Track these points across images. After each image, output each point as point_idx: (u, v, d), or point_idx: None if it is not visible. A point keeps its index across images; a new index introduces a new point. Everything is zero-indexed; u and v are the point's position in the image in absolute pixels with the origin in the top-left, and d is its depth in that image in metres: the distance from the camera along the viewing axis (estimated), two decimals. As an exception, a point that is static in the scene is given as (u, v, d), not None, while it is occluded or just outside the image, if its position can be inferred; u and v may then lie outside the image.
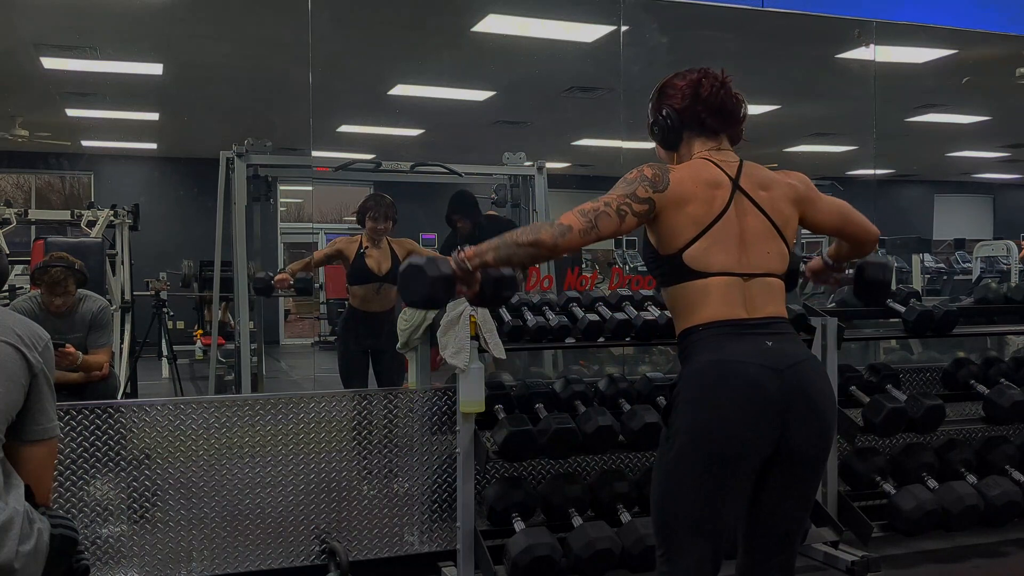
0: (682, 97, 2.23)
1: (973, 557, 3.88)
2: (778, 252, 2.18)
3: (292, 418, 3.55)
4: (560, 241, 2.03)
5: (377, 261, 4.97)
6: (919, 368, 4.60)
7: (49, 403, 1.90)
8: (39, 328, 1.93)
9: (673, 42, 5.80)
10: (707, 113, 2.22)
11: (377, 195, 5.15)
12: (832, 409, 2.15)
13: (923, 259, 10.13)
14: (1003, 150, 13.75)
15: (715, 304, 2.10)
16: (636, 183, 2.10)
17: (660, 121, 2.27)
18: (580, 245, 2.06)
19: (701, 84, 2.22)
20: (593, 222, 2.05)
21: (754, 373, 2.03)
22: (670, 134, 2.27)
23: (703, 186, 2.14)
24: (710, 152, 2.22)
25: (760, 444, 2.04)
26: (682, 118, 2.24)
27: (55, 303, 4.20)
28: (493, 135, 10.68)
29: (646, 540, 3.32)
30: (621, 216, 2.07)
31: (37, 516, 1.86)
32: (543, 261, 2.06)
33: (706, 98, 2.21)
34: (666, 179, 2.12)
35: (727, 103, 2.23)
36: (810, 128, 11.27)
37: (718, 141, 2.25)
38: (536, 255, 2.07)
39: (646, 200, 2.09)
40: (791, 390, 2.04)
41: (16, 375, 1.80)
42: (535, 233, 2.05)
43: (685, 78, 2.25)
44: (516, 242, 2.06)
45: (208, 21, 7.11)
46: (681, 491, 2.08)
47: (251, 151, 5.79)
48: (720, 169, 2.18)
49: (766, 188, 2.20)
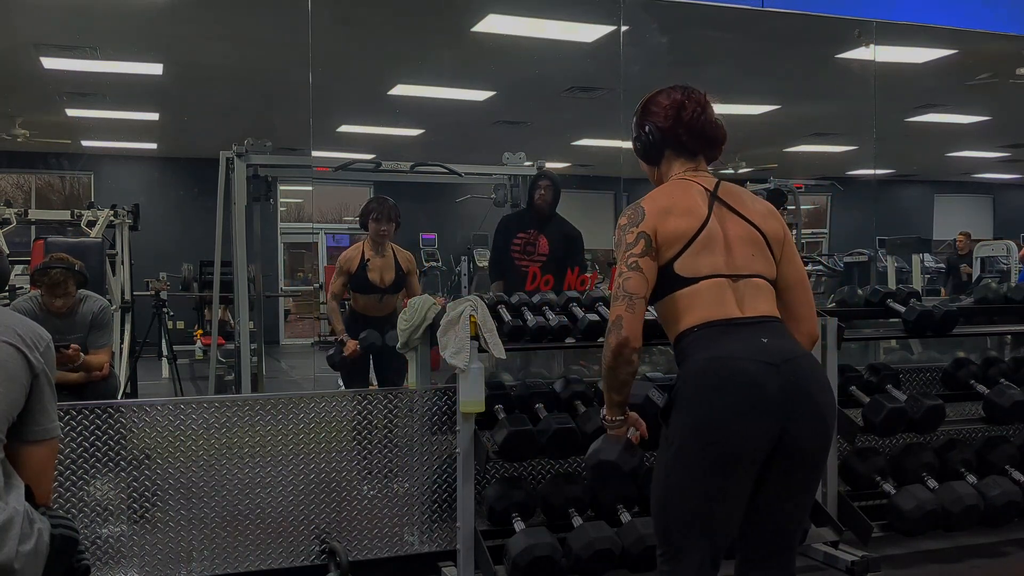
0: (664, 117, 2.30)
1: (973, 557, 3.88)
2: (763, 256, 2.22)
3: (292, 418, 3.55)
4: (624, 334, 2.11)
5: (379, 273, 4.96)
6: (919, 368, 4.59)
7: (50, 403, 1.89)
8: (40, 328, 1.92)
9: (673, 42, 5.80)
10: (687, 136, 2.30)
11: (380, 198, 5.15)
12: (831, 405, 2.17)
13: (923, 259, 10.13)
14: (1003, 150, 13.75)
15: (707, 305, 2.13)
16: (623, 236, 2.20)
17: (643, 137, 2.35)
18: (637, 321, 2.13)
19: (684, 107, 2.28)
20: (628, 295, 2.14)
21: (751, 369, 2.05)
22: (651, 150, 2.35)
23: (680, 197, 2.23)
24: (686, 172, 2.31)
25: (759, 441, 2.04)
26: (664, 136, 2.31)
27: (55, 304, 4.19)
28: (493, 135, 10.68)
29: (646, 540, 3.32)
30: (637, 268, 2.15)
31: (37, 516, 1.86)
32: (635, 358, 2.15)
33: (687, 122, 2.28)
34: (639, 211, 2.21)
35: (707, 128, 2.30)
36: (810, 128, 11.26)
37: (696, 162, 2.33)
38: (628, 360, 2.13)
39: (638, 238, 2.16)
40: (789, 386, 2.05)
41: (17, 375, 1.80)
42: (608, 350, 2.13)
43: (669, 97, 2.31)
44: (608, 368, 2.15)
45: (208, 21, 7.11)
46: (681, 490, 2.09)
47: (251, 151, 5.79)
48: (697, 183, 2.26)
49: (743, 202, 2.27)
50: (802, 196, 9.54)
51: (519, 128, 10.83)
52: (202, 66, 8.38)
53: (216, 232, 6.28)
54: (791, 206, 8.52)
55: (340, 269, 5.03)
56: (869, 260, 9.63)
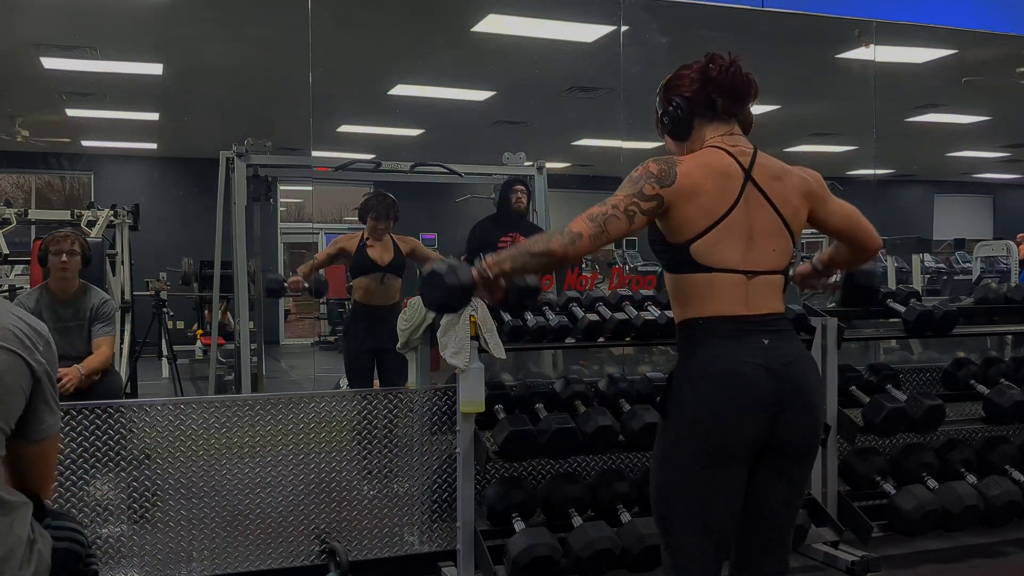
0: (691, 83, 2.20)
1: (973, 557, 3.88)
2: (783, 249, 2.17)
3: (292, 418, 3.55)
4: (570, 249, 2.02)
5: (379, 253, 5.01)
6: (919, 368, 4.60)
7: (53, 400, 1.85)
8: (38, 324, 1.85)
9: (673, 42, 5.79)
10: (718, 93, 2.19)
11: (379, 193, 5.16)
12: (821, 404, 2.19)
13: (923, 259, 10.12)
14: (1003, 150, 13.76)
15: (718, 300, 2.10)
16: (642, 181, 2.07)
17: (670, 112, 2.23)
18: (591, 250, 2.05)
19: (709, 68, 2.19)
20: (603, 226, 2.03)
21: (749, 372, 2.06)
22: (680, 124, 2.23)
23: (713, 176, 2.11)
24: (723, 138, 2.19)
25: (752, 434, 2.06)
26: (692, 105, 2.20)
27: (61, 261, 4.26)
28: (493, 135, 10.68)
29: (646, 540, 3.32)
30: (630, 217, 2.05)
31: (39, 533, 1.81)
32: (556, 269, 2.05)
33: (716, 79, 2.18)
34: (673, 173, 2.08)
35: (737, 81, 2.19)
36: (810, 128, 11.27)
37: (730, 126, 2.22)
38: (548, 264, 2.07)
39: (653, 197, 2.06)
40: (784, 388, 2.06)
41: (16, 385, 1.73)
42: (546, 242, 2.04)
43: (691, 67, 2.23)
44: (529, 252, 2.06)
45: (208, 21, 7.11)
46: (677, 480, 2.11)
47: (251, 151, 5.80)
48: (732, 157, 2.14)
49: (778, 178, 2.17)
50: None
51: (519, 128, 10.83)
52: (202, 66, 8.38)
53: (216, 232, 6.28)
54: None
55: (336, 245, 5.11)
56: (869, 260, 9.60)
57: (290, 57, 6.69)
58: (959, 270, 11.30)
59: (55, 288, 4.33)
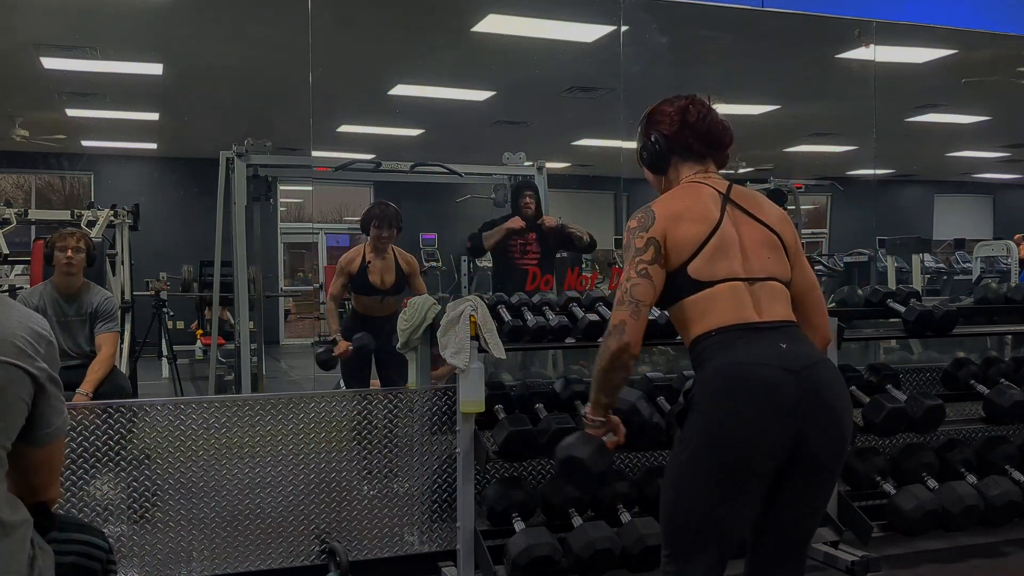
0: (671, 123, 2.29)
1: (973, 557, 3.88)
2: (779, 259, 2.19)
3: (292, 418, 3.55)
4: (624, 338, 2.09)
5: (380, 275, 4.97)
6: (919, 368, 4.59)
7: (58, 402, 1.78)
8: (38, 323, 1.79)
9: (673, 42, 5.80)
10: (694, 138, 2.28)
11: (382, 203, 5.14)
12: (849, 413, 2.14)
13: (923, 259, 10.12)
14: (1003, 150, 13.75)
15: (724, 309, 2.10)
16: (632, 240, 2.17)
17: (649, 146, 2.33)
18: (641, 327, 2.11)
19: (688, 111, 2.28)
20: (632, 300, 2.11)
21: (769, 375, 2.02)
22: (658, 159, 2.33)
23: (692, 199, 2.20)
24: (697, 175, 2.29)
25: (776, 450, 2.02)
26: (670, 143, 2.30)
27: (67, 257, 4.33)
28: (493, 135, 10.67)
29: (646, 540, 3.32)
30: (645, 275, 2.12)
31: (39, 548, 1.75)
32: (631, 364, 2.13)
33: (693, 124, 2.27)
34: (651, 214, 2.18)
35: (714, 129, 2.29)
36: (810, 128, 11.26)
37: (705, 165, 2.31)
38: (620, 365, 2.12)
39: (648, 244, 2.14)
40: (807, 393, 2.02)
41: (17, 399, 1.68)
42: (606, 352, 2.11)
43: (673, 104, 2.31)
44: (600, 371, 2.14)
45: (208, 21, 7.10)
46: (693, 495, 2.07)
47: (251, 151, 5.80)
48: (708, 186, 2.24)
49: (757, 202, 2.25)
50: (802, 196, 9.52)
51: (519, 128, 10.82)
52: (202, 66, 8.38)
53: (216, 232, 6.28)
54: (791, 206, 8.51)
55: (340, 270, 5.03)
56: (869, 260, 9.63)
57: (290, 57, 6.70)
58: (959, 270, 11.30)
59: (59, 284, 4.41)
